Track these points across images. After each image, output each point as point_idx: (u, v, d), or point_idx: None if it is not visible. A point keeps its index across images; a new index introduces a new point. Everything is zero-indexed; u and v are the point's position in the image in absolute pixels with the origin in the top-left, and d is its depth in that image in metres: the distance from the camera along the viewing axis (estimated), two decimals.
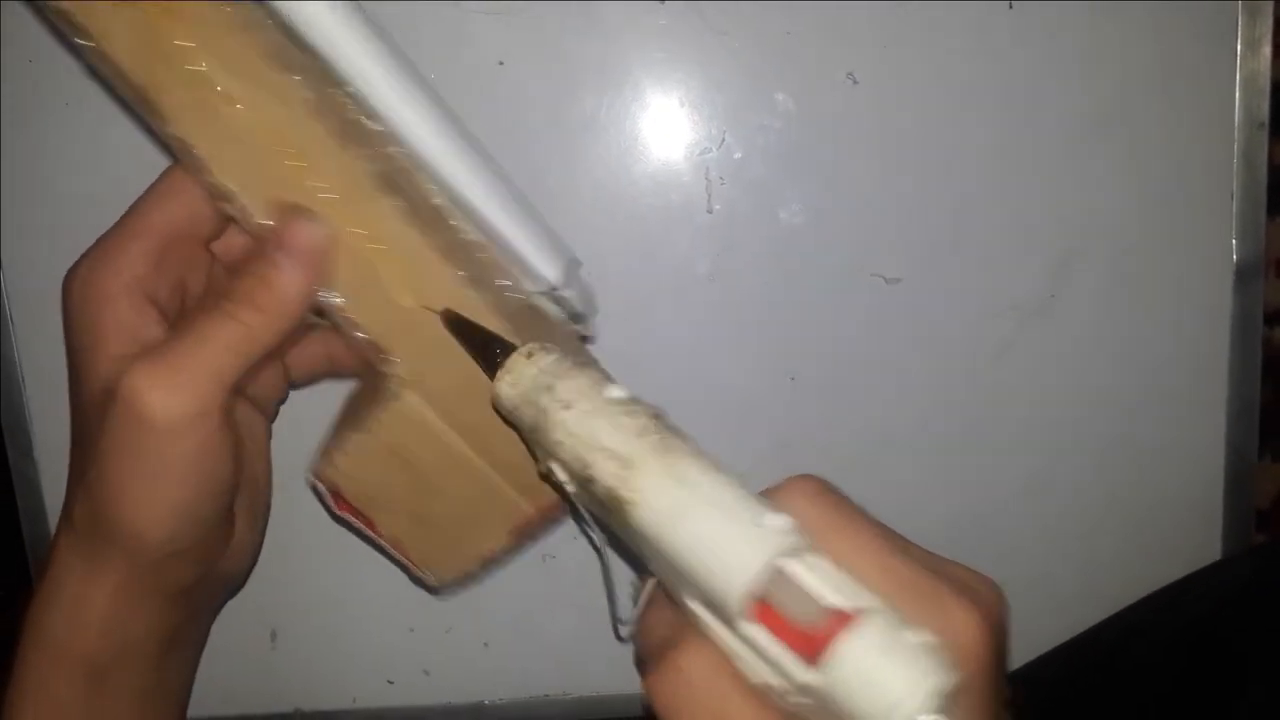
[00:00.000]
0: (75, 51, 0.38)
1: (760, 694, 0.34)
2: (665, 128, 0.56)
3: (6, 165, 0.55)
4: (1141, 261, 0.59)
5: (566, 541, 0.59)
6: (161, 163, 0.43)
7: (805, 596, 0.32)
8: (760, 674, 0.34)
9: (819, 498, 0.36)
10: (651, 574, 0.37)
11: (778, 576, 0.32)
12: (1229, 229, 0.59)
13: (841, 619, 0.31)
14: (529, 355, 0.38)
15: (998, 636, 0.32)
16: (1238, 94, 0.58)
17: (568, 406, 0.37)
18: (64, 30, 0.37)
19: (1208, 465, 0.61)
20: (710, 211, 0.57)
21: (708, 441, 0.59)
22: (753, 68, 0.56)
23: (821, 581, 0.33)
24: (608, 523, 0.37)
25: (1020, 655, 0.60)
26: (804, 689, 0.32)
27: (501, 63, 0.55)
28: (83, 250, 0.43)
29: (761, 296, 0.58)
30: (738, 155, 0.57)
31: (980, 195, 0.58)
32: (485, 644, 0.61)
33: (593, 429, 0.36)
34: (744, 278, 0.58)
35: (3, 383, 0.56)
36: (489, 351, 0.40)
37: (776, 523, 0.33)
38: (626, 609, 0.39)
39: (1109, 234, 0.59)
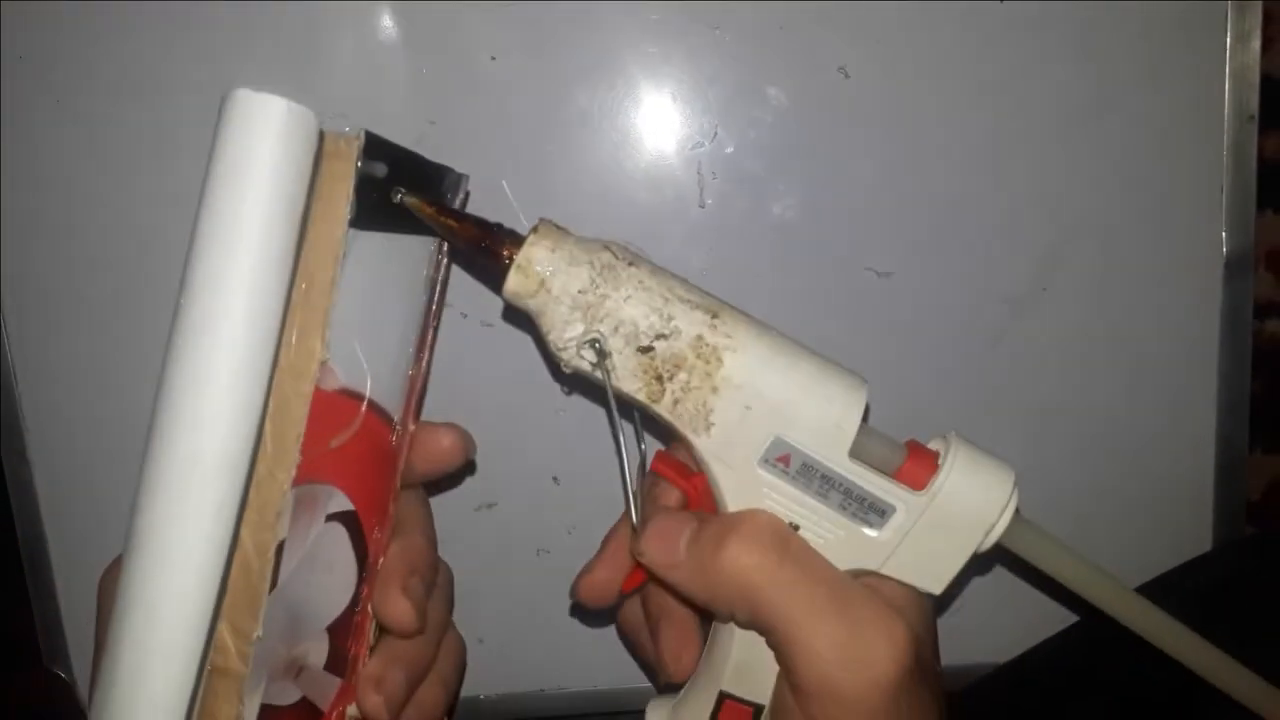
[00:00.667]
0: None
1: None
2: (657, 122, 0.56)
3: (2, 165, 0.54)
4: (1132, 254, 0.59)
5: (560, 536, 0.59)
6: (162, 161, 0.42)
7: (882, 437, 0.36)
8: (820, 532, 0.36)
9: (778, 523, 0.37)
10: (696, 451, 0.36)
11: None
12: (1219, 222, 0.59)
13: (924, 453, 0.36)
14: (557, 226, 0.37)
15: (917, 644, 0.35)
16: (1227, 87, 0.58)
17: (633, 263, 0.36)
18: None
19: (1199, 457, 0.61)
20: (703, 206, 0.57)
21: None
22: (745, 62, 0.56)
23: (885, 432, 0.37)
24: (658, 395, 0.35)
25: (1013, 648, 0.61)
26: (909, 507, 0.35)
27: (493, 58, 0.55)
28: (81, 256, 0.42)
29: (754, 291, 0.58)
30: (730, 150, 0.57)
31: (971, 189, 0.58)
32: (480, 640, 0.61)
33: (668, 283, 0.36)
34: (737, 272, 0.58)
35: None
36: (487, 233, 0.36)
37: (850, 370, 0.36)
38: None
39: (1099, 227, 0.59)
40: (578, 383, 0.37)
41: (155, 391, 0.32)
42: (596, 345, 0.35)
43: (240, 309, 0.31)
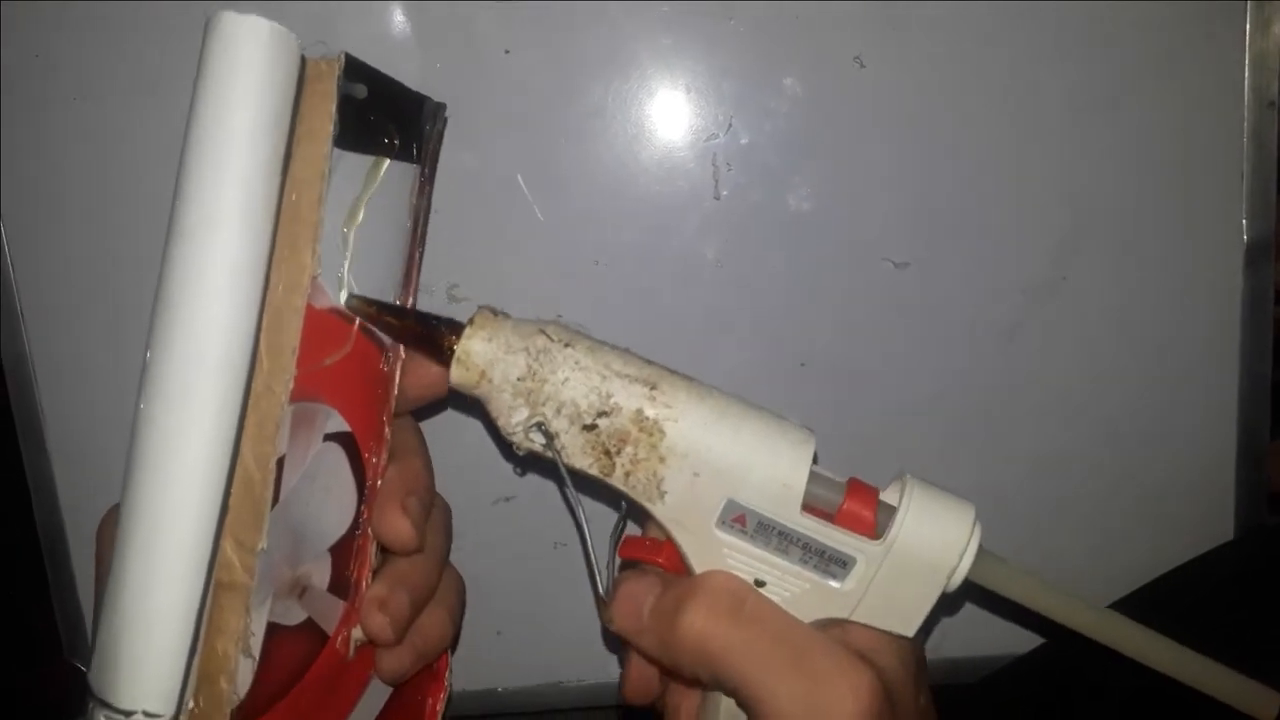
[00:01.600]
0: None
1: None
2: (672, 114, 0.56)
3: (16, 162, 0.55)
4: (1151, 242, 0.59)
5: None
6: (177, 157, 0.42)
7: (832, 482, 0.36)
8: (786, 587, 0.36)
9: (735, 583, 0.37)
10: (654, 518, 0.37)
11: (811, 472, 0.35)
12: (1239, 209, 0.59)
13: (869, 494, 0.36)
14: (495, 313, 0.38)
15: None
16: (1247, 74, 0.58)
17: (569, 344, 0.36)
18: None
19: (1220, 446, 0.61)
20: (718, 198, 0.57)
21: None
22: (759, 53, 0.56)
23: (833, 473, 0.37)
24: (609, 469, 0.36)
25: (1031, 635, 0.61)
26: (869, 558, 0.35)
27: (508, 51, 0.55)
28: (98, 252, 0.42)
29: (770, 282, 0.58)
30: (745, 141, 0.56)
31: (988, 177, 0.58)
32: (498, 632, 0.61)
33: (605, 360, 0.36)
34: (752, 264, 0.58)
35: (16, 379, 0.57)
36: (426, 328, 0.38)
37: (797, 424, 0.37)
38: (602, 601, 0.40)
39: (1119, 215, 0.58)
40: (532, 463, 0.38)
41: (151, 308, 0.33)
42: (543, 428, 0.36)
43: (231, 222, 0.32)
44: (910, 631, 0.36)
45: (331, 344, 0.37)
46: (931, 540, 0.35)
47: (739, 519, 0.36)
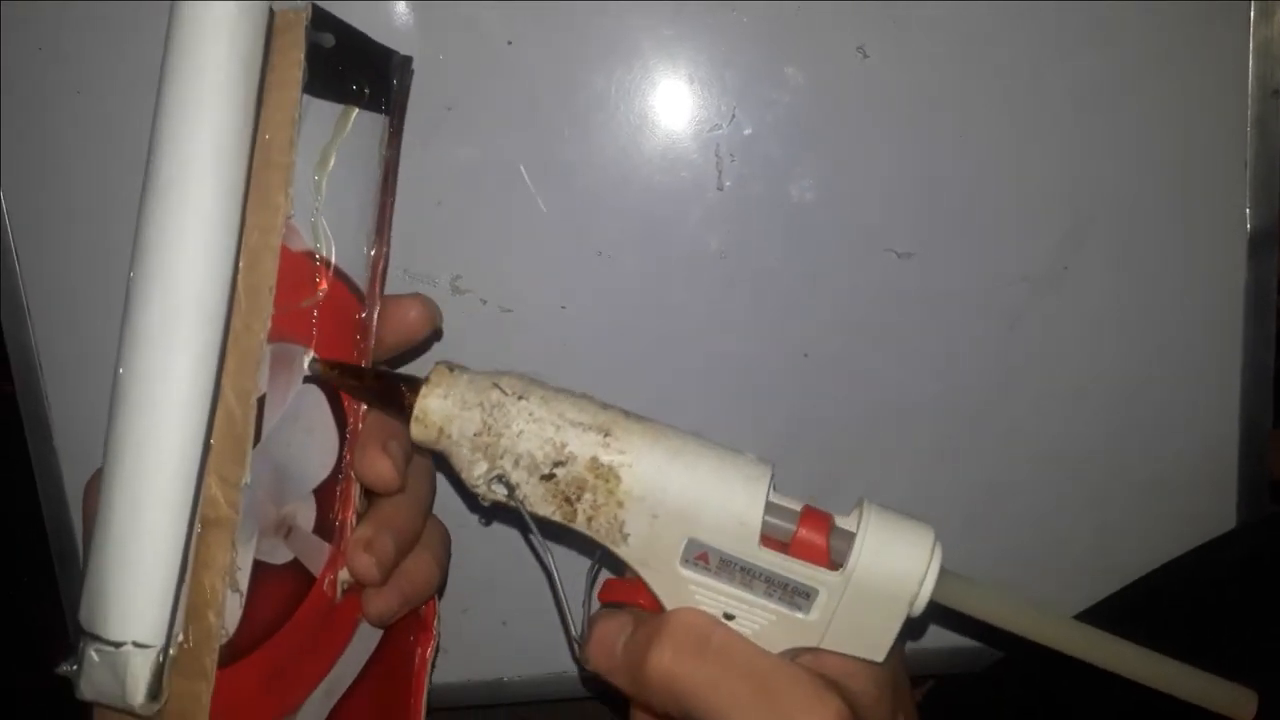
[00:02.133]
0: None
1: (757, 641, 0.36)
2: (675, 105, 0.56)
3: (21, 156, 0.55)
4: (1154, 231, 0.59)
5: None
6: None
7: (791, 513, 0.36)
8: (755, 619, 0.36)
9: (700, 620, 0.37)
10: (619, 559, 0.38)
11: (769, 504, 0.36)
12: (1243, 198, 0.59)
13: (821, 521, 0.36)
14: (451, 369, 0.38)
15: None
16: (1250, 63, 0.57)
17: (523, 396, 0.37)
18: None
19: (1222, 435, 0.61)
20: (721, 188, 0.57)
21: (721, 420, 0.59)
22: (762, 42, 0.56)
23: (793, 503, 0.37)
24: (572, 516, 0.37)
25: None
26: (829, 589, 0.35)
27: (510, 42, 0.55)
28: (104, 248, 0.43)
29: (773, 273, 0.58)
30: (748, 131, 0.56)
31: (991, 167, 0.57)
32: (503, 622, 0.62)
33: (559, 410, 0.37)
34: (755, 254, 0.58)
35: (23, 374, 0.57)
36: (388, 388, 0.39)
37: (753, 458, 0.37)
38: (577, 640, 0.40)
39: (1121, 204, 0.58)
40: (497, 513, 0.38)
41: (131, 250, 0.34)
42: (503, 480, 0.37)
43: (206, 167, 0.33)
44: (880, 657, 0.37)
45: (307, 286, 0.38)
46: (891, 569, 0.35)
47: (701, 556, 0.36)
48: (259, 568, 0.37)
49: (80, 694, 0.35)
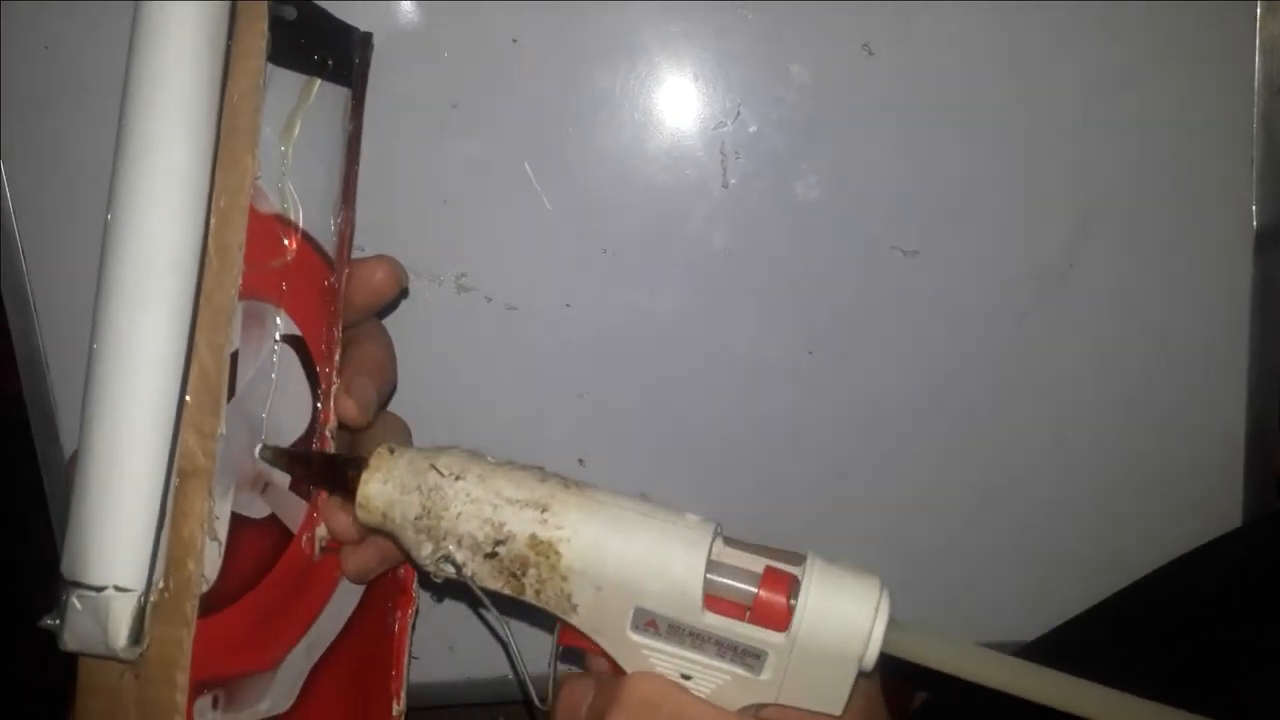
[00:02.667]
0: None
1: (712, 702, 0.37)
2: (680, 103, 0.56)
3: (28, 154, 0.55)
4: (1161, 229, 0.59)
5: None
6: None
7: (739, 572, 0.36)
8: (711, 680, 0.37)
9: (654, 687, 0.38)
10: (572, 627, 0.38)
11: (713, 564, 0.36)
12: (1249, 195, 0.58)
13: (781, 581, 0.35)
14: (391, 450, 0.39)
15: None
16: (1257, 58, 0.57)
17: (459, 477, 0.38)
18: None
19: (1229, 432, 0.61)
20: (726, 186, 0.57)
21: (726, 418, 0.59)
22: (767, 40, 0.55)
23: (742, 559, 0.37)
24: (520, 590, 0.37)
25: (1044, 622, 0.61)
26: (777, 651, 0.35)
27: (515, 40, 0.55)
28: None
29: (778, 270, 0.58)
30: (753, 129, 0.56)
31: (997, 165, 0.57)
32: (509, 620, 0.62)
33: (495, 488, 0.37)
34: (760, 252, 0.58)
35: (30, 373, 0.57)
36: (335, 470, 0.40)
37: (694, 520, 0.37)
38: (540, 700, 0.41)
39: (1127, 202, 0.58)
40: (450, 588, 0.39)
41: (105, 210, 0.35)
42: (449, 559, 0.37)
43: (175, 134, 0.35)
44: (838, 710, 0.37)
45: (276, 247, 0.39)
46: (836, 628, 0.35)
47: (650, 623, 0.36)
48: (237, 520, 0.38)
49: (64, 645, 0.35)
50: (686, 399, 0.59)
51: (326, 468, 0.40)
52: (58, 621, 0.35)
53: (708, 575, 0.36)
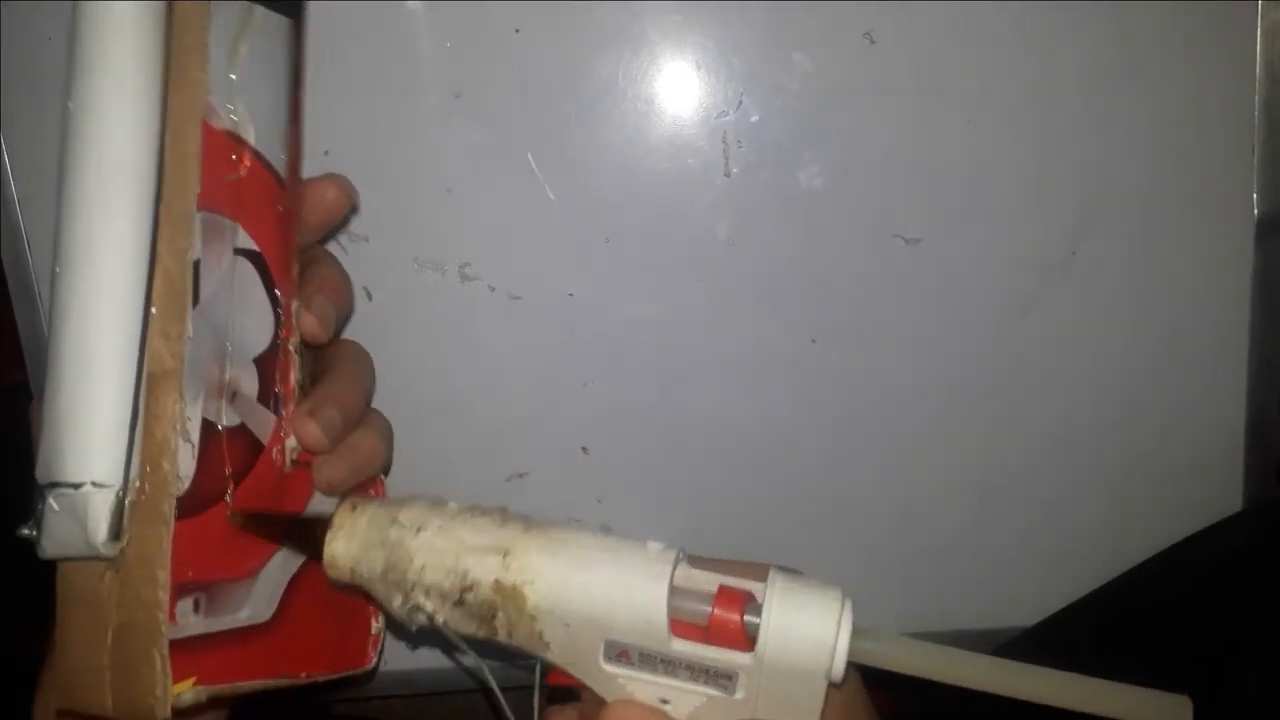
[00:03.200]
0: None
1: None
2: (682, 91, 0.56)
3: (31, 145, 0.55)
4: (1162, 217, 0.59)
5: (590, 505, 0.60)
6: None
7: (700, 595, 0.37)
8: (688, 703, 0.37)
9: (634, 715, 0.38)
10: (549, 663, 0.38)
11: (675, 590, 0.36)
12: (1250, 184, 0.59)
13: (735, 599, 0.36)
14: (353, 507, 0.39)
15: None
16: (1259, 46, 0.57)
17: (420, 529, 0.38)
18: None
19: (1230, 420, 0.61)
20: (728, 175, 0.57)
21: (729, 406, 0.59)
22: (769, 29, 0.56)
23: (708, 578, 0.37)
24: (493, 632, 0.38)
25: (1044, 609, 0.61)
26: (746, 670, 0.36)
27: (518, 30, 0.55)
28: None
29: (781, 259, 0.58)
30: (755, 118, 0.56)
31: (1000, 153, 0.57)
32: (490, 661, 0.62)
33: (457, 537, 0.38)
34: (763, 241, 0.58)
35: (36, 364, 0.57)
36: (303, 531, 0.40)
37: (656, 548, 0.37)
38: None
39: (1129, 190, 0.58)
40: (427, 635, 0.39)
41: (61, 120, 0.36)
42: (420, 609, 0.38)
43: (124, 53, 0.36)
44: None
45: (229, 163, 0.40)
46: (800, 644, 0.35)
47: (622, 654, 0.37)
48: (208, 427, 0.38)
49: (43, 552, 0.35)
50: (689, 388, 0.59)
51: (296, 530, 0.41)
52: (35, 531, 0.35)
53: (671, 602, 0.36)
